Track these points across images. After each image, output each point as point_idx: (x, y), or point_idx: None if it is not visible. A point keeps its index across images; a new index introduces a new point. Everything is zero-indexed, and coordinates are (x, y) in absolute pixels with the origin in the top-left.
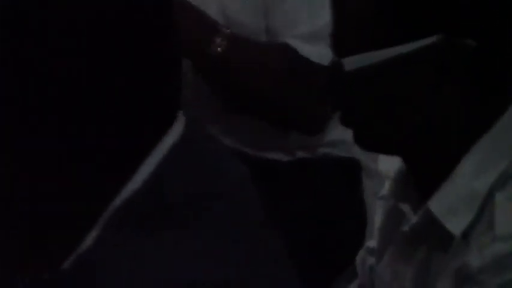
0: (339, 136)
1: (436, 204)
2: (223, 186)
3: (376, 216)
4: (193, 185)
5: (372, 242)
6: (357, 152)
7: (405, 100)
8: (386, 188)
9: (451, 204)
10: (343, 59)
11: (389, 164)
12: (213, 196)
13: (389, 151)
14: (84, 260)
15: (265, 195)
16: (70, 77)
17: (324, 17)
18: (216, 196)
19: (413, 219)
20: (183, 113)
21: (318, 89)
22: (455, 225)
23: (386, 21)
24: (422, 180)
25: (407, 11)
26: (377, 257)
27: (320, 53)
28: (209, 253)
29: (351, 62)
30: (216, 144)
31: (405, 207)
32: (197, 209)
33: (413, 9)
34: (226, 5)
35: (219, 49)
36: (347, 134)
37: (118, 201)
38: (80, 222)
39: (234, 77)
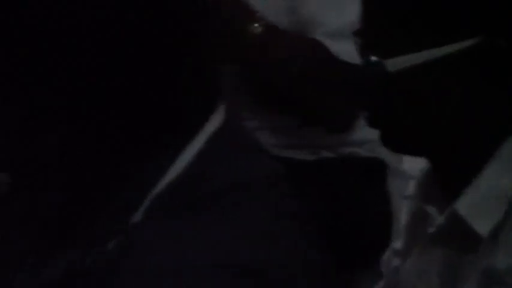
0: (364, 136)
1: (463, 205)
2: (255, 179)
3: (401, 217)
4: (228, 175)
5: (397, 243)
6: (382, 152)
7: (437, 102)
8: (411, 188)
9: (477, 205)
10: (386, 60)
11: (414, 164)
12: (245, 187)
13: (416, 152)
14: (126, 242)
15: (291, 194)
16: (111, 68)
17: (350, 14)
18: (247, 188)
19: (440, 219)
20: (222, 105)
21: (345, 87)
22: (482, 226)
23: (421, 23)
24: (448, 181)
25: (443, 13)
26: (402, 257)
27: (346, 50)
28: (236, 238)
29: (393, 64)
30: (252, 139)
31: (430, 208)
32: (230, 198)
33: (447, 11)
34: (253, 4)
35: (255, 36)
36: (372, 134)
37: (160, 187)
38: (123, 207)
39: (265, 66)
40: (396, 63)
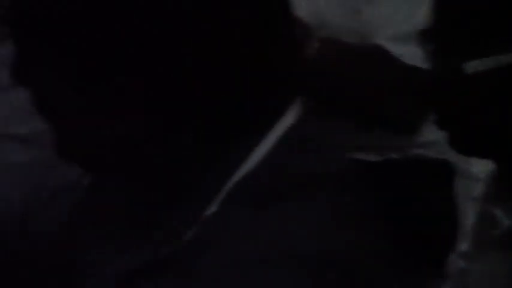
0: (432, 137)
1: None
2: (327, 176)
3: (468, 219)
4: (301, 170)
5: (463, 245)
6: (450, 154)
7: (506, 105)
8: (478, 190)
9: None
10: (464, 62)
11: (481, 166)
12: (317, 184)
13: (484, 155)
14: (202, 233)
15: (360, 194)
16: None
17: (418, 17)
18: (320, 184)
19: (506, 222)
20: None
21: (412, 90)
22: None
23: (498, 26)
24: None
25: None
26: (468, 259)
27: (414, 53)
28: (310, 230)
29: (471, 67)
30: (323, 137)
31: (497, 210)
32: (303, 192)
33: None
34: (319, 6)
35: (312, 51)
36: (439, 135)
37: (235, 179)
38: (199, 198)
39: (326, 79)
40: (474, 66)
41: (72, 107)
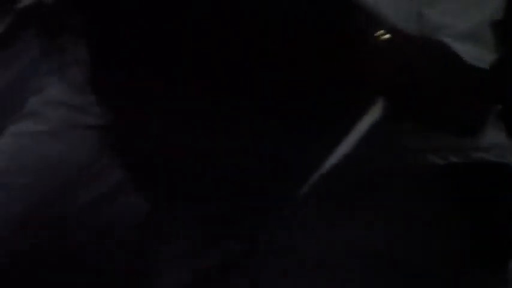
0: (492, 140)
1: None
2: (404, 178)
3: None
4: (381, 169)
5: None
6: (509, 157)
7: None
8: None
9: None
10: None
11: None
12: (394, 184)
13: None
14: (281, 230)
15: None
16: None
17: (477, 17)
18: (397, 184)
19: None
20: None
21: (474, 90)
22: None
23: None
24: None
25: None
26: None
27: (473, 53)
28: (386, 230)
29: None
30: (403, 136)
31: None
32: (381, 191)
33: None
34: (380, 9)
35: (382, 41)
36: (500, 138)
37: (318, 174)
38: (282, 193)
39: (394, 71)
40: None
41: None
